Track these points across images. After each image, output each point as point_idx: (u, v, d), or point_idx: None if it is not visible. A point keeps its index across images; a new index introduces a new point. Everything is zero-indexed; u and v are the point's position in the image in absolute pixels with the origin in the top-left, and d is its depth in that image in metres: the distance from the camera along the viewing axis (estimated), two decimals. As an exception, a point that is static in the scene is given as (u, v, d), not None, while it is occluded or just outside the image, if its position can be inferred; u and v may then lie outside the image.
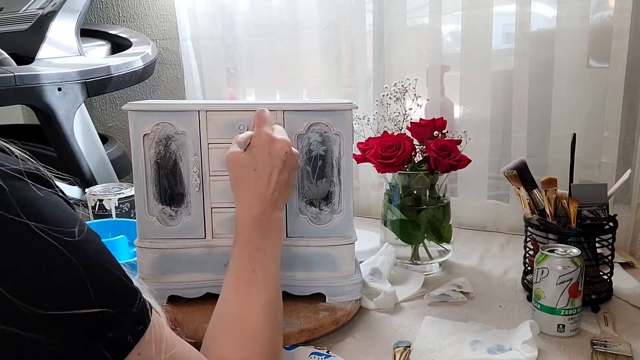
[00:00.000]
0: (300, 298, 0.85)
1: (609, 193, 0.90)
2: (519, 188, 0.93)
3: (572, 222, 0.87)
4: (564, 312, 0.77)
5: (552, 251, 0.79)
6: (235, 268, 0.65)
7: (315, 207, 0.83)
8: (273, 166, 0.68)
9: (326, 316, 0.80)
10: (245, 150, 0.69)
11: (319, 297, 0.84)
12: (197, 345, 0.60)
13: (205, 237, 0.83)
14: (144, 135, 0.80)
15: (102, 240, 1.03)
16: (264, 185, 0.68)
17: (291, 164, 0.71)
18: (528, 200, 0.93)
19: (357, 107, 0.83)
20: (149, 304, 0.45)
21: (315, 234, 0.83)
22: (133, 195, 1.18)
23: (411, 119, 1.05)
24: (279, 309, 0.66)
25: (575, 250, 0.79)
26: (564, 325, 0.78)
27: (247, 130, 0.78)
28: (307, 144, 0.81)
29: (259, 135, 0.70)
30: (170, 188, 0.82)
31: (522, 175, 0.93)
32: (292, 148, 0.71)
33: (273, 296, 0.65)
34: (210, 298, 0.83)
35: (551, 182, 0.89)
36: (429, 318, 0.83)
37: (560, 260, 0.77)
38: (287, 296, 0.85)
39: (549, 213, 0.90)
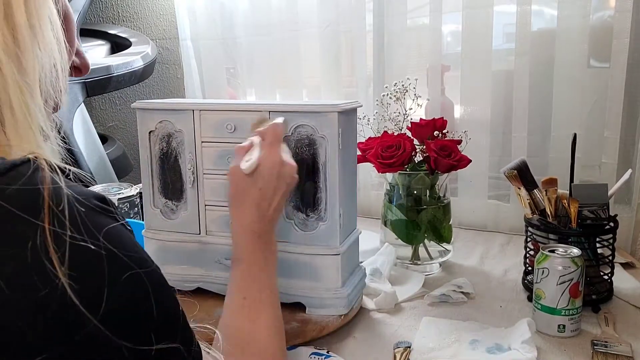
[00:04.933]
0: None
1: (609, 193, 0.90)
2: (519, 188, 0.93)
3: (572, 222, 0.87)
4: (565, 312, 0.77)
5: (553, 251, 0.79)
6: (241, 290, 0.63)
7: (302, 212, 0.80)
8: (277, 188, 0.67)
9: (295, 327, 0.78)
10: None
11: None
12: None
13: (199, 233, 0.84)
14: (149, 132, 0.83)
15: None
16: (266, 205, 0.66)
17: (290, 188, 0.70)
18: (528, 200, 0.93)
19: (341, 111, 0.76)
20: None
21: (300, 241, 0.80)
22: (133, 195, 1.18)
23: (411, 118, 1.05)
24: (282, 327, 0.65)
25: (575, 251, 0.79)
26: (564, 326, 0.77)
27: (235, 129, 0.79)
28: (293, 147, 0.78)
29: (270, 155, 0.67)
30: (172, 183, 0.85)
31: (522, 175, 0.93)
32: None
33: (279, 316, 0.64)
34: (201, 293, 0.85)
35: (552, 182, 0.89)
36: (427, 318, 0.83)
37: (561, 261, 0.77)
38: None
39: (549, 213, 0.90)
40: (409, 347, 0.75)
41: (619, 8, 1.08)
